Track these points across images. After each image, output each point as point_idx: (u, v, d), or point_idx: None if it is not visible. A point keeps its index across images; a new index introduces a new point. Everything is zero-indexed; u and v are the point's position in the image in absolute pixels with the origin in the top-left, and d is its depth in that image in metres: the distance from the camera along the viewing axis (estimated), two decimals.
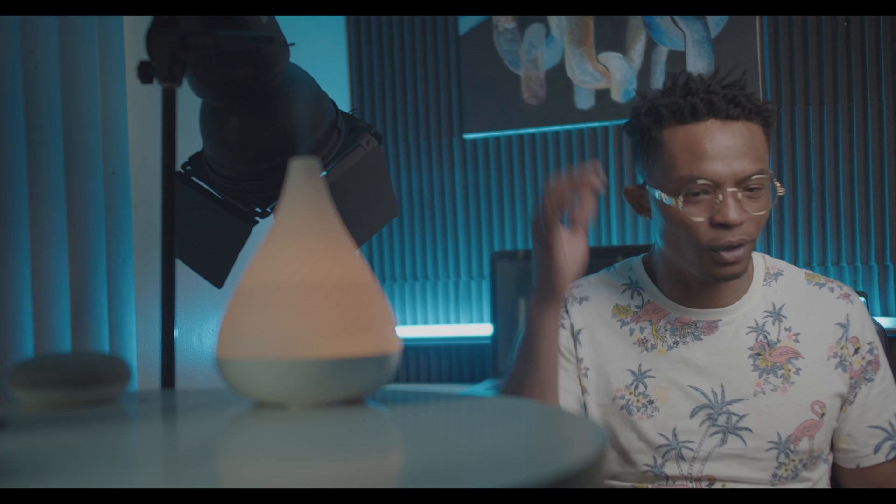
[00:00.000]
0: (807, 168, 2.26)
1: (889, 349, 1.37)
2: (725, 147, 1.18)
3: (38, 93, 1.53)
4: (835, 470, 1.32)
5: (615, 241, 2.44)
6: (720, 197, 1.18)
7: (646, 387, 1.27)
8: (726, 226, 1.18)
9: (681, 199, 1.19)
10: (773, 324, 1.28)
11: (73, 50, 1.61)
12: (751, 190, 1.19)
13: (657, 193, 1.23)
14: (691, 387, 1.26)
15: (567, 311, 1.34)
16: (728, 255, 1.20)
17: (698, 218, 1.19)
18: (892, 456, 1.29)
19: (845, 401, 1.28)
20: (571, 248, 1.22)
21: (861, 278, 2.22)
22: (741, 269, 1.22)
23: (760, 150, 1.21)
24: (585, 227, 1.22)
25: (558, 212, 1.17)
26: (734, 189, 1.18)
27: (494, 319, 2.34)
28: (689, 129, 1.20)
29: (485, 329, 2.53)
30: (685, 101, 1.20)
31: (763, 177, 1.19)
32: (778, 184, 1.23)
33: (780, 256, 2.29)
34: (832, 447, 1.31)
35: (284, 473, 0.53)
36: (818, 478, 1.28)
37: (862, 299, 1.35)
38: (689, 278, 1.28)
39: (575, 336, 1.32)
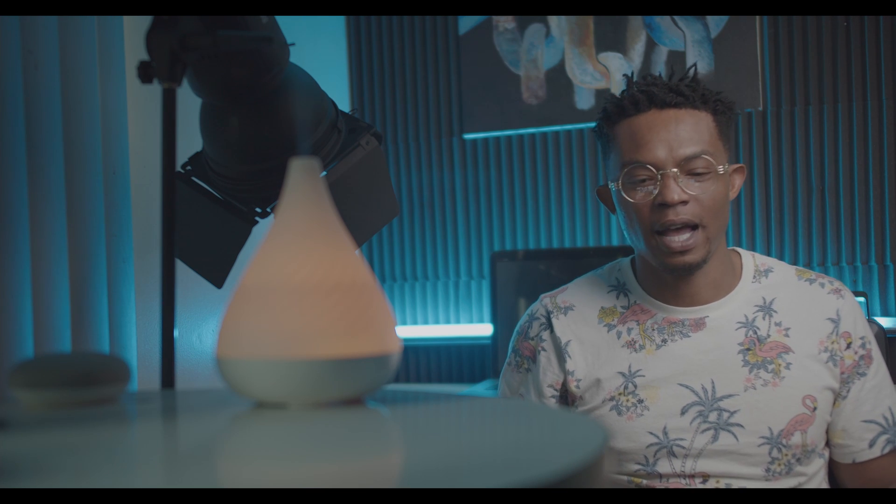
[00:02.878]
0: (807, 168, 2.26)
1: (889, 349, 1.37)
2: (666, 132, 1.23)
3: (38, 93, 1.53)
4: (832, 466, 1.33)
5: (615, 242, 2.44)
6: (660, 178, 1.22)
7: (636, 386, 1.27)
8: (666, 205, 1.21)
9: (621, 183, 1.25)
10: (764, 319, 1.29)
11: (73, 50, 1.61)
12: (697, 174, 1.23)
13: (610, 185, 1.29)
14: (681, 384, 1.26)
15: (550, 327, 1.35)
16: (674, 242, 1.22)
17: (641, 201, 1.23)
18: (887, 450, 1.29)
19: (838, 395, 1.28)
20: None
21: (861, 278, 2.22)
22: (694, 259, 1.24)
23: (706, 136, 1.24)
24: None
25: None
26: (674, 170, 1.22)
27: (494, 319, 2.34)
28: (632, 120, 1.25)
29: (485, 329, 2.53)
30: (628, 95, 1.26)
31: (708, 159, 1.22)
32: (721, 168, 1.24)
33: (780, 256, 2.29)
34: (828, 443, 1.31)
35: (284, 473, 0.53)
36: (813, 472, 1.28)
37: (861, 299, 1.35)
38: (664, 278, 1.30)
39: (563, 350, 1.33)
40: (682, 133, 1.23)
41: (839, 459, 1.31)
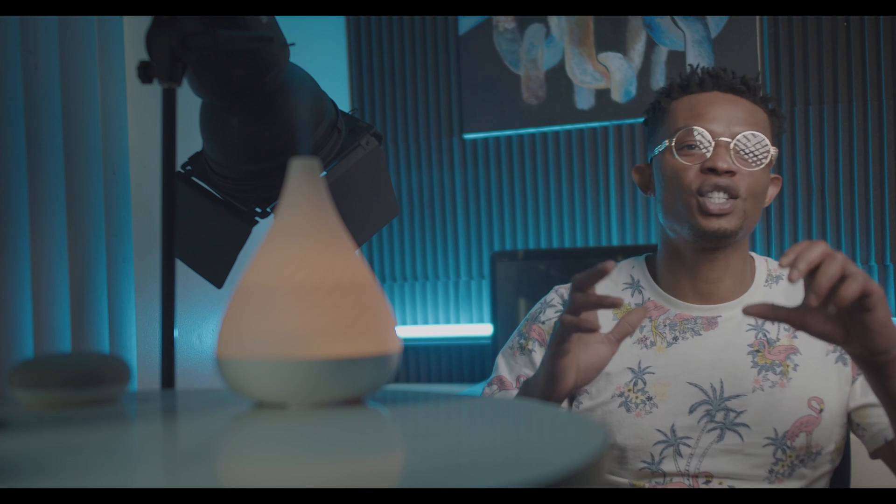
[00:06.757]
0: (807, 168, 2.26)
1: None
2: (726, 110, 1.26)
3: (38, 93, 1.53)
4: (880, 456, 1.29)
5: (615, 241, 2.44)
6: (713, 146, 1.24)
7: (645, 383, 1.27)
8: (715, 171, 1.23)
9: (674, 141, 1.26)
10: (773, 323, 1.29)
11: (73, 50, 1.61)
12: (747, 155, 1.25)
13: (656, 149, 1.30)
14: (690, 383, 1.26)
15: None
16: (714, 204, 1.23)
17: (689, 163, 1.25)
18: None
19: (854, 380, 1.27)
20: (591, 353, 1.14)
21: None
22: (729, 227, 1.24)
23: (761, 126, 1.27)
24: (616, 339, 1.15)
25: (574, 327, 1.08)
26: (728, 140, 1.24)
27: (494, 319, 2.34)
28: (693, 97, 1.29)
29: (485, 329, 2.53)
30: (693, 75, 1.30)
31: (762, 137, 1.25)
32: (773, 150, 1.26)
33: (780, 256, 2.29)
34: (855, 431, 1.28)
35: (284, 473, 0.53)
36: (816, 476, 1.27)
37: None
38: (687, 263, 1.29)
39: None
40: (741, 116, 1.26)
41: (872, 446, 1.26)
